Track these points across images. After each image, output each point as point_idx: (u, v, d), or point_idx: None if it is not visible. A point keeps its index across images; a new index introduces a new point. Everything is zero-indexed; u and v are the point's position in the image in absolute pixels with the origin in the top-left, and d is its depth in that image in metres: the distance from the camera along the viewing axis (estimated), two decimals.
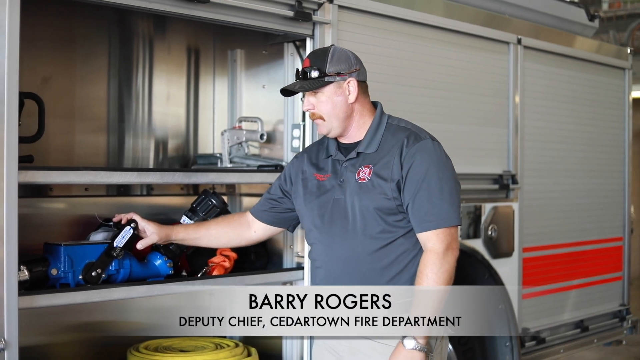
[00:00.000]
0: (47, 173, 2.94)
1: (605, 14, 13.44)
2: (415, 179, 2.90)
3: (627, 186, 5.83)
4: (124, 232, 3.23)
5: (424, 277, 2.85)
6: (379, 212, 2.94)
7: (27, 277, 2.97)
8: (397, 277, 2.95)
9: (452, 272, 2.89)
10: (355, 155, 3.03)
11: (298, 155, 3.30)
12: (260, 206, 3.36)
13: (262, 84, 4.15)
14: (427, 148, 2.95)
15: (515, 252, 4.76)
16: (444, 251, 2.87)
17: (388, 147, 2.99)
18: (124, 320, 4.05)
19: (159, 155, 4.27)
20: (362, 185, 2.97)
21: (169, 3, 3.17)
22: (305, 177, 3.16)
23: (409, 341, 2.83)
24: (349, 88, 3.01)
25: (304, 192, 3.14)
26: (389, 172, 2.95)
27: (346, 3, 3.77)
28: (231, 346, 3.74)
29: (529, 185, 4.88)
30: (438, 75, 4.32)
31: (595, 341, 5.53)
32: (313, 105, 3.02)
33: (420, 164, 2.91)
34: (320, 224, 3.06)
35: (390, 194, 2.93)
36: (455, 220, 2.92)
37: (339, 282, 3.01)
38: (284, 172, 3.31)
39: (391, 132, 3.03)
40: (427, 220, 2.89)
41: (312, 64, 3.00)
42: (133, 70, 4.18)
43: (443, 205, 2.89)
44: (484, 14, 4.66)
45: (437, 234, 2.88)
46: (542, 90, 5.02)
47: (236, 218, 3.41)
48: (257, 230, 3.37)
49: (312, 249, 3.15)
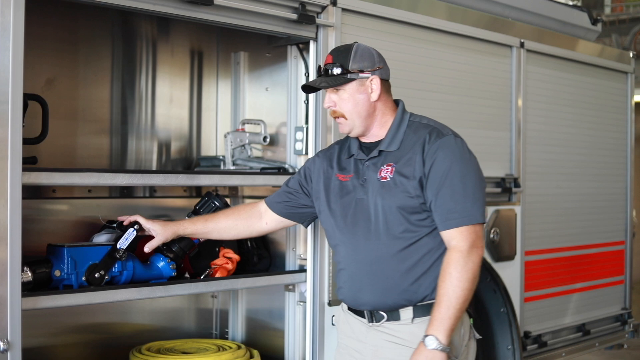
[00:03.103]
0: (51, 174, 2.94)
1: (608, 17, 13.46)
2: (438, 175, 2.84)
3: (629, 190, 5.83)
4: (127, 233, 3.23)
5: (448, 275, 2.78)
6: (402, 211, 2.88)
7: (31, 279, 2.98)
8: (422, 278, 2.89)
9: (477, 271, 2.82)
10: (377, 154, 2.98)
11: (319, 154, 3.24)
12: (276, 197, 3.30)
13: (266, 87, 4.15)
14: (449, 144, 2.89)
15: (518, 256, 4.76)
16: (468, 249, 2.80)
17: (410, 145, 2.93)
18: (127, 321, 4.06)
19: (162, 157, 4.27)
20: (384, 184, 2.91)
21: (172, 5, 3.18)
22: (328, 178, 3.10)
23: (430, 340, 2.75)
24: (371, 86, 2.95)
25: (326, 193, 3.08)
26: (411, 170, 2.88)
27: (350, 6, 3.78)
28: (233, 348, 3.74)
29: (531, 189, 4.88)
30: (441, 78, 4.32)
31: (596, 345, 5.52)
32: (334, 103, 2.97)
33: (442, 160, 2.85)
34: (343, 226, 3.00)
35: (413, 192, 2.87)
36: (480, 218, 2.85)
37: (362, 284, 2.96)
38: (304, 169, 3.25)
39: (413, 130, 2.97)
40: (450, 218, 2.82)
41: (334, 60, 2.94)
42: (136, 72, 4.18)
43: (466, 202, 2.83)
44: (486, 17, 4.67)
45: (461, 232, 2.81)
46: (545, 93, 5.02)
47: (247, 209, 3.36)
48: (269, 221, 3.32)
49: (336, 251, 3.10)
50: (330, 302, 3.64)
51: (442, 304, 2.77)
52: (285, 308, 3.82)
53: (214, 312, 4.34)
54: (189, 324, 4.31)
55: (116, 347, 3.90)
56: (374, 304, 2.94)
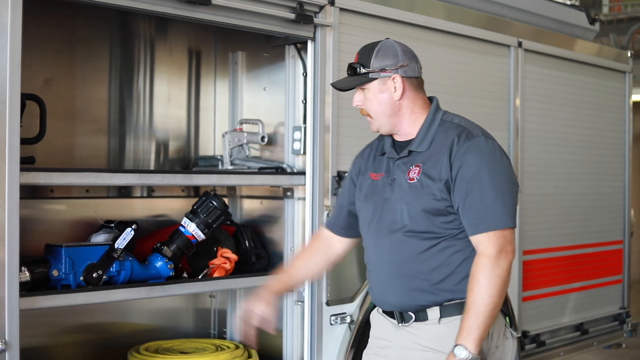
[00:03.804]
0: (49, 174, 2.94)
1: (606, 17, 13.46)
2: (466, 178, 2.75)
3: (627, 189, 5.83)
4: (125, 233, 3.23)
5: (476, 282, 2.70)
6: (427, 213, 2.80)
7: (28, 278, 2.98)
8: (448, 278, 2.82)
9: (506, 277, 2.74)
10: (406, 154, 2.89)
11: (358, 155, 3.15)
12: (336, 220, 3.16)
13: (263, 86, 4.15)
14: (478, 146, 2.79)
15: (516, 255, 4.75)
16: (496, 255, 2.72)
17: (440, 146, 2.84)
18: (125, 321, 4.06)
19: (159, 157, 4.27)
20: (411, 185, 2.83)
21: (170, 5, 3.18)
22: (364, 175, 3.04)
23: (460, 350, 2.67)
24: (394, 85, 2.87)
25: (360, 192, 3.02)
26: (437, 172, 2.80)
27: (347, 6, 3.78)
28: (231, 348, 3.74)
29: (529, 188, 4.89)
30: (439, 78, 4.31)
31: (595, 344, 5.52)
32: (362, 102, 2.91)
33: (470, 163, 2.75)
34: (371, 226, 2.94)
35: (438, 194, 2.78)
36: (510, 223, 2.76)
37: (389, 284, 2.90)
38: (350, 177, 3.13)
39: (444, 130, 2.88)
40: (479, 222, 2.74)
41: (359, 59, 2.90)
42: (134, 72, 4.19)
43: (496, 206, 2.74)
44: (484, 16, 4.67)
45: (489, 237, 2.73)
46: (543, 93, 5.02)
47: (315, 246, 3.22)
48: (342, 245, 3.17)
49: (365, 252, 3.02)
50: (328, 302, 3.64)
51: (471, 312, 2.69)
52: (283, 307, 3.81)
53: (212, 312, 4.34)
54: (187, 323, 4.31)
55: (114, 347, 3.90)
56: (401, 305, 2.90)
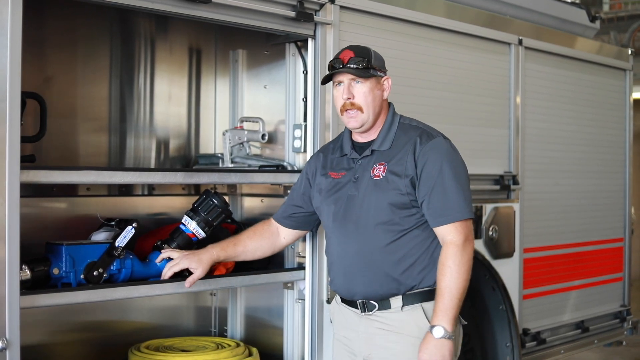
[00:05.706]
0: (49, 173, 2.94)
1: (606, 15, 13.46)
2: (431, 175, 3.03)
3: (628, 187, 5.83)
4: (125, 231, 3.23)
5: (447, 268, 2.97)
6: (393, 206, 3.06)
7: (29, 277, 2.98)
8: (411, 268, 3.07)
9: (471, 262, 3.03)
10: (369, 153, 3.16)
11: (314, 155, 3.42)
12: (283, 213, 3.46)
13: (264, 84, 4.15)
14: (439, 146, 3.09)
15: (516, 253, 4.76)
16: (463, 243, 3.00)
17: (401, 145, 3.12)
18: (126, 319, 4.06)
19: (160, 155, 4.27)
20: (377, 182, 3.09)
21: (170, 3, 3.18)
22: (323, 175, 3.27)
23: (438, 330, 2.94)
24: (387, 84, 3.18)
25: (320, 190, 3.25)
26: (402, 169, 3.07)
27: (348, 3, 3.78)
28: (232, 346, 3.74)
29: (530, 186, 4.89)
30: (439, 76, 4.32)
31: (595, 342, 5.52)
32: (353, 95, 3.11)
33: (434, 161, 3.04)
34: (334, 220, 3.17)
35: (404, 189, 3.05)
36: (470, 214, 3.06)
37: (354, 275, 3.12)
38: (304, 176, 3.39)
39: (403, 131, 3.17)
40: (445, 214, 3.02)
41: (357, 55, 3.10)
42: (135, 70, 4.18)
43: (459, 199, 3.02)
44: (485, 14, 4.67)
45: (456, 227, 3.01)
46: (543, 91, 5.02)
47: (265, 229, 3.47)
48: (286, 236, 3.48)
49: (327, 244, 3.27)
50: (329, 300, 3.64)
51: (445, 295, 2.96)
52: (284, 305, 3.82)
53: (213, 310, 4.34)
54: (187, 321, 4.31)
55: (115, 345, 3.90)
56: (366, 294, 3.12)
